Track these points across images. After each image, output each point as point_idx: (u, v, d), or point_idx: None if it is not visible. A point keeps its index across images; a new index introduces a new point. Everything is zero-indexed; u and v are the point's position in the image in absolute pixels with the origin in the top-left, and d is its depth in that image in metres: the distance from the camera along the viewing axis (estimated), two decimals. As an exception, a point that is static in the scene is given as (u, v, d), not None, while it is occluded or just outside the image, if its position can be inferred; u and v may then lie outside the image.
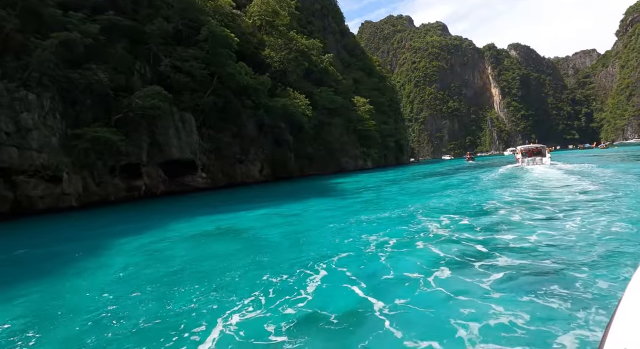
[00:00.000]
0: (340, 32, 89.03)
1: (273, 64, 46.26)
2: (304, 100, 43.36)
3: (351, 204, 14.32)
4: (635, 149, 61.66)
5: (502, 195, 11.64)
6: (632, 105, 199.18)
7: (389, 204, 12.92)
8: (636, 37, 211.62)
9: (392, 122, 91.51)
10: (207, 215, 13.97)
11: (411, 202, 12.83)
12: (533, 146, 35.57)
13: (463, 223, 8.38)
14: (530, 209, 9.60)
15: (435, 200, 12.60)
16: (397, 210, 10.97)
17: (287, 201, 16.98)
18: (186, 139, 30.28)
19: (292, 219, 11.36)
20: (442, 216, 9.22)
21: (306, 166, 57.59)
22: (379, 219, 9.79)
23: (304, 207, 14.41)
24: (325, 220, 10.46)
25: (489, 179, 19.98)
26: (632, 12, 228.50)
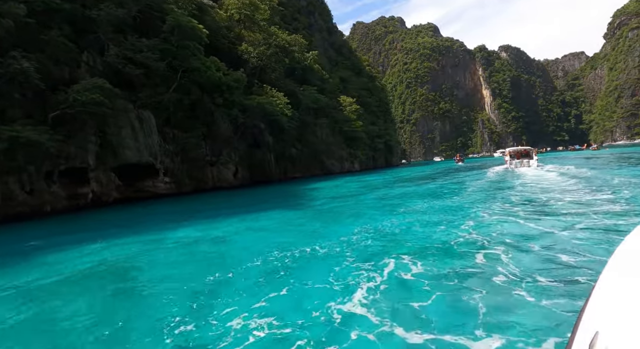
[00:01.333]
0: (328, 30, 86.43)
1: (250, 60, 43.30)
2: (283, 98, 40.50)
3: (304, 221, 11.52)
4: (627, 150, 60.25)
5: (482, 217, 8.92)
6: (621, 107, 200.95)
7: (339, 225, 10.14)
8: (624, 39, 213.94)
9: (381, 123, 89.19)
10: (122, 236, 11.01)
11: (373, 219, 10.10)
12: (521, 148, 36.12)
13: (411, 277, 5.23)
14: (520, 251, 5.99)
15: (400, 218, 9.85)
16: (343, 236, 8.19)
17: (236, 214, 14.11)
18: (144, 140, 27.16)
19: (210, 248, 8.53)
20: (387, 258, 6.11)
21: (289, 169, 54.71)
22: (312, 254, 7.00)
23: (246, 224, 11.57)
24: (248, 252, 7.66)
25: (474, 188, 17.41)
26: (620, 15, 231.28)
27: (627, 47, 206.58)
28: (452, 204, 11.94)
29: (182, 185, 31.48)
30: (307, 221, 11.56)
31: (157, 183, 29.16)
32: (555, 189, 13.30)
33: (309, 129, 57.96)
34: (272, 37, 45.90)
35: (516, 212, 8.98)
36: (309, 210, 14.23)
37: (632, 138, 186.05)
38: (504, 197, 12.49)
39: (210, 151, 35.28)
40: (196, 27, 31.51)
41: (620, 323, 0.99)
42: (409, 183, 26.44)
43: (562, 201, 10.36)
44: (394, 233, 7.85)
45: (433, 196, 15.71)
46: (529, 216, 8.43)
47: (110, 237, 10.71)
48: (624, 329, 0.95)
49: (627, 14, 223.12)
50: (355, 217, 10.98)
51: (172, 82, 30.18)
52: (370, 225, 9.09)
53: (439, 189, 19.47)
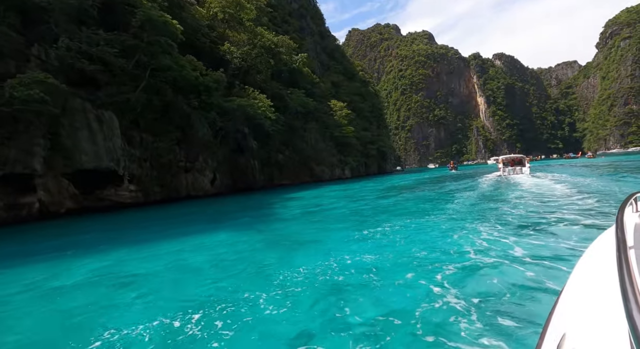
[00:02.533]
0: (320, 34, 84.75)
1: (233, 61, 40.99)
2: (266, 101, 38.11)
3: (255, 249, 8.97)
4: (624, 159, 58.57)
5: (467, 252, 6.41)
6: (614, 115, 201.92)
7: (293, 257, 7.61)
8: (616, 49, 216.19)
9: (374, 128, 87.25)
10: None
11: (329, 251, 7.59)
12: (514, 156, 36.87)
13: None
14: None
15: (357, 253, 7.32)
16: (291, 279, 5.70)
17: (180, 235, 11.53)
18: (104, 144, 24.48)
19: (94, 298, 5.95)
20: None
21: (276, 176, 52.15)
22: (247, 310, 4.52)
23: (179, 252, 8.99)
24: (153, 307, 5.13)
25: (464, 201, 15.02)
26: (612, 25, 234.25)
27: (620, 57, 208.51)
28: (432, 226, 9.50)
29: (151, 194, 28.72)
30: (259, 248, 9.02)
31: (120, 192, 26.40)
32: (561, 205, 10.91)
33: (297, 134, 55.62)
34: (258, 37, 43.69)
35: (513, 248, 6.49)
36: (269, 230, 11.67)
37: (626, 147, 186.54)
38: (497, 216, 10.07)
39: (185, 157, 32.64)
40: (169, 22, 29.13)
41: (587, 325, 1.03)
42: (395, 193, 24.03)
43: (577, 225, 7.96)
44: (338, 284, 5.31)
45: (413, 211, 13.34)
46: (532, 250, 6.01)
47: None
48: (590, 331, 1.00)
49: (619, 24, 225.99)
50: (311, 246, 8.46)
51: (141, 81, 27.64)
52: (320, 262, 6.58)
53: (424, 202, 17.06)
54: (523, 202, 12.60)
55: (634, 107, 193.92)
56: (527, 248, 5.94)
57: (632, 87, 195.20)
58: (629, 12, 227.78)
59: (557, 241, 6.18)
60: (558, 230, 7.15)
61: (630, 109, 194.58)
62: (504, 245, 6.52)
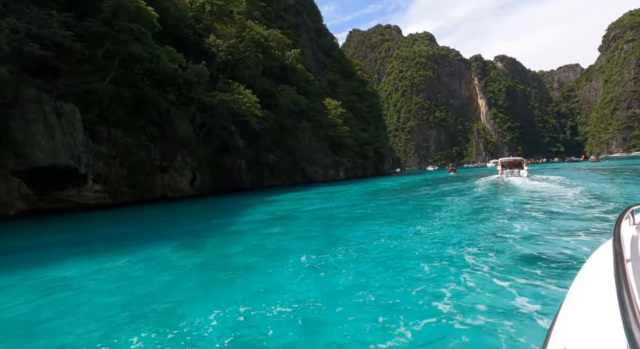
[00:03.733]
0: (317, 31, 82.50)
1: (219, 54, 38.70)
2: (252, 96, 35.80)
3: (180, 265, 6.67)
4: (629, 163, 56.16)
5: (450, 298, 4.13)
6: (616, 119, 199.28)
7: (220, 290, 5.34)
8: (619, 52, 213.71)
9: (372, 129, 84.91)
10: None
11: (259, 282, 5.31)
12: (513, 158, 37.21)
13: None
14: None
15: (306, 279, 5.06)
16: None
17: (108, 250, 9.21)
18: (63, 139, 22.15)
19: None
20: None
21: (266, 176, 49.79)
22: None
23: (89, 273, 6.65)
24: None
25: (454, 208, 12.74)
26: (615, 28, 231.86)
27: (623, 60, 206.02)
28: (409, 241, 7.20)
29: (119, 194, 26.36)
30: (179, 275, 6.66)
31: (83, 192, 24.04)
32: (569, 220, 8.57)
33: (288, 133, 53.30)
34: (246, 30, 41.39)
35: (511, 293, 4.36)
36: (210, 248, 9.25)
37: (629, 151, 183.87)
38: (488, 234, 7.72)
39: (161, 155, 30.30)
40: (143, 9, 26.87)
41: (586, 339, 1.04)
42: (382, 197, 21.69)
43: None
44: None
45: (394, 220, 11.08)
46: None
47: None
48: (590, 345, 1.01)
49: (622, 27, 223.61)
50: (245, 276, 6.10)
51: (110, 72, 25.34)
52: (238, 306, 4.27)
53: (410, 209, 14.74)
54: (519, 212, 10.24)
55: (637, 111, 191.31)
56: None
57: (635, 91, 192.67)
58: (632, 15, 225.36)
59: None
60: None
61: (634, 112, 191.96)
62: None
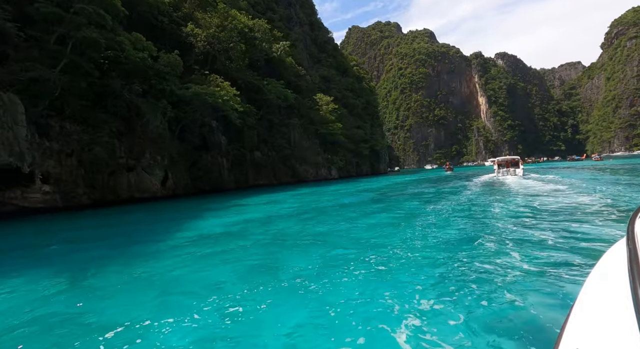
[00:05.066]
0: (310, 25, 79.61)
1: (197, 44, 35.99)
2: (231, 89, 33.12)
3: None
4: (634, 162, 53.45)
5: None
6: (619, 117, 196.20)
7: None
8: (622, 49, 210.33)
9: (367, 127, 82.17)
10: None
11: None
12: (510, 157, 37.53)
13: None
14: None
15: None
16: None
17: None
18: (2, 134, 19.53)
19: None
20: None
21: (251, 176, 47.18)
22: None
23: None
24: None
25: (436, 216, 10.24)
26: (617, 25, 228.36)
27: (626, 57, 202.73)
28: (369, 264, 4.70)
29: (75, 196, 23.75)
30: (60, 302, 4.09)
31: (29, 194, 21.44)
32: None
33: (276, 130, 50.67)
34: (228, 19, 38.63)
35: None
36: (101, 278, 6.70)
37: (631, 149, 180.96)
38: (468, 261, 5.20)
39: (127, 152, 27.67)
40: (102, -10, 24.18)
41: (599, 340, 1.03)
42: (361, 199, 19.10)
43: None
44: None
45: (364, 231, 8.58)
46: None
47: None
48: (603, 346, 0.99)
49: (625, 24, 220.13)
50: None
51: (62, 59, 22.69)
52: None
53: (388, 217, 12.19)
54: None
55: (639, 109, 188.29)
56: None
57: (638, 89, 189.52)
58: (635, 11, 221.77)
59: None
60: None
61: (636, 110, 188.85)
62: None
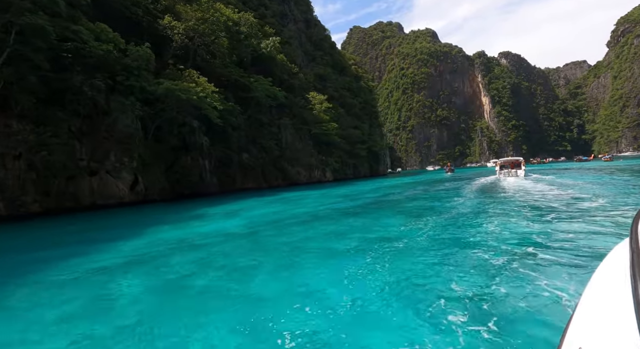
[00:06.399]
0: (306, 22, 76.99)
1: (175, 37, 33.42)
2: (209, 86, 30.48)
3: None
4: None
5: None
6: (626, 116, 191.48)
7: None
8: (629, 47, 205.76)
9: (365, 127, 79.27)
10: None
11: None
12: (512, 158, 37.36)
13: None
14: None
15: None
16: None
17: None
18: None
19: None
20: None
21: (238, 179, 44.52)
22: None
23: None
24: None
25: (416, 237, 7.73)
26: (624, 22, 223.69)
27: (633, 55, 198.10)
28: None
29: (23, 204, 21.14)
30: None
31: (-36, 201, 18.86)
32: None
33: (266, 130, 47.98)
34: (210, 11, 36.03)
35: None
36: None
37: (639, 149, 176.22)
38: None
39: (90, 154, 25.07)
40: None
41: (602, 339, 1.03)
42: (348, 208, 16.30)
43: None
44: None
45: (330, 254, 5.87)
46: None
47: None
48: (606, 345, 0.99)
49: (632, 22, 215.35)
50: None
51: (5, 50, 20.13)
52: None
53: (366, 236, 9.45)
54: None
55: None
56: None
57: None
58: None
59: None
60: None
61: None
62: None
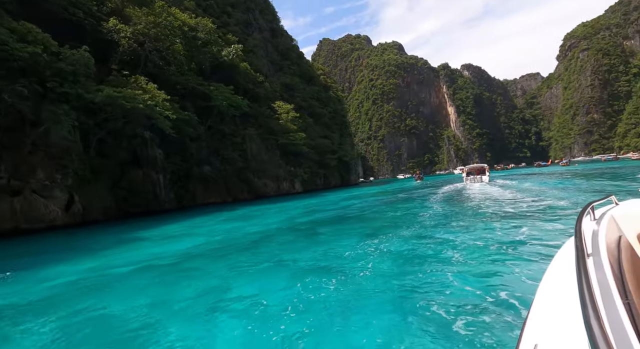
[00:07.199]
0: (272, 31, 75.91)
1: (122, 42, 30.72)
2: (159, 93, 27.97)
3: None
4: (601, 166, 52.75)
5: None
6: (577, 124, 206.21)
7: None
8: (575, 60, 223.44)
9: (336, 137, 78.60)
10: None
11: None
12: (478, 165, 38.82)
13: None
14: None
15: None
16: None
17: None
18: None
19: None
20: None
21: (200, 193, 41.66)
22: None
23: None
24: None
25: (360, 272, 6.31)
26: (570, 38, 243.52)
27: (579, 67, 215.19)
28: None
29: None
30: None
31: None
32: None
33: (229, 141, 45.59)
34: (163, 15, 33.68)
35: None
36: None
37: (590, 154, 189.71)
38: None
39: (11, 171, 21.69)
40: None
41: (556, 336, 1.08)
42: (304, 224, 14.57)
43: None
44: None
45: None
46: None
47: None
48: (560, 341, 1.04)
49: (577, 37, 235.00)
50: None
51: None
52: None
53: (307, 264, 7.79)
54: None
55: (595, 116, 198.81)
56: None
57: (592, 97, 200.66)
58: (584, 26, 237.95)
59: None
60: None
61: (592, 117, 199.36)
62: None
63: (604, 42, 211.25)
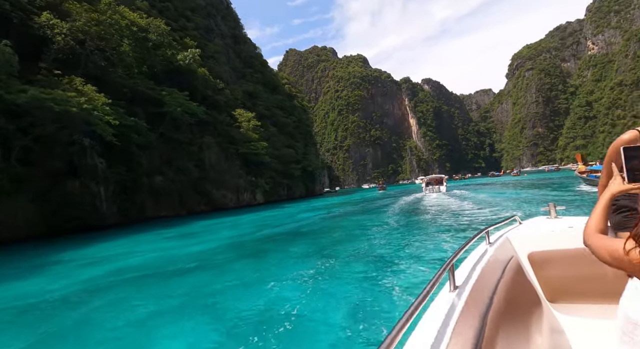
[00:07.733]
0: (234, 38, 74.18)
1: (55, 38, 27.66)
2: (99, 97, 25.30)
3: None
4: (549, 176, 56.60)
5: None
6: (525, 137, 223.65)
7: None
8: (522, 79, 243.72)
9: (300, 146, 77.61)
10: None
11: None
12: (436, 176, 40.27)
13: None
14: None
15: None
16: None
17: None
18: None
19: None
20: None
21: (150, 206, 38.38)
22: None
23: None
24: None
25: None
26: (517, 58, 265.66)
27: (525, 85, 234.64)
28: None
29: None
30: None
31: None
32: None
33: (184, 150, 42.83)
34: (108, 13, 30.99)
35: None
36: None
37: (536, 165, 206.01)
38: None
39: None
40: None
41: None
42: (254, 242, 13.20)
43: None
44: None
45: None
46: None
47: None
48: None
49: (522, 58, 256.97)
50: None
51: None
52: None
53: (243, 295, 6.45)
54: None
55: (540, 130, 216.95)
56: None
57: (537, 112, 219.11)
58: (529, 48, 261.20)
59: None
60: None
61: (537, 131, 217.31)
62: None
63: (545, 63, 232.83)
